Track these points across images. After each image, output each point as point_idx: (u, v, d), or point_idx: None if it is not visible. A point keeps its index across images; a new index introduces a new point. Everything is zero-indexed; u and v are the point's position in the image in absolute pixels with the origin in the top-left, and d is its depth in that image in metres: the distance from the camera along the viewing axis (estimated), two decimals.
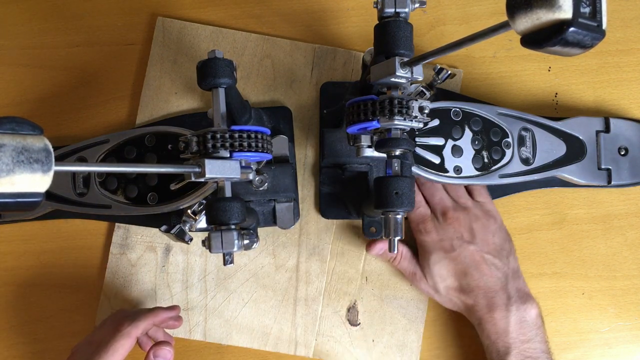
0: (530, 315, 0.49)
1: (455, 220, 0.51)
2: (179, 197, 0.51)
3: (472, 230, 0.51)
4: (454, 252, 0.50)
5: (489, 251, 0.51)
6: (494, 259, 0.51)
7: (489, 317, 0.49)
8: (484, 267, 0.50)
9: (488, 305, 0.49)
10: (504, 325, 0.48)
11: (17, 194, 0.28)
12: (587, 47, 0.28)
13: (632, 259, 0.57)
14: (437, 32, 0.59)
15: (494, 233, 0.52)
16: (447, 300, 0.52)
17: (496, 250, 0.51)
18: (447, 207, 0.52)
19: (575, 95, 0.59)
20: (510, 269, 0.51)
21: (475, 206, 0.53)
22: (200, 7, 0.60)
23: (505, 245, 0.52)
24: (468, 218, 0.52)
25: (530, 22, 0.27)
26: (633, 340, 0.57)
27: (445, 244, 0.51)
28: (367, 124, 0.42)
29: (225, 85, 0.44)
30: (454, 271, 0.51)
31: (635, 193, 0.58)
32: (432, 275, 0.51)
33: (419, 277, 0.53)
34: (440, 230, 0.51)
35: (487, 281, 0.50)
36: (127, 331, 0.46)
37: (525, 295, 0.50)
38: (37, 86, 0.59)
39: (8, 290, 0.58)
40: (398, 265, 0.54)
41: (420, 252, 0.53)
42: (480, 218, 0.52)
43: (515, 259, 0.52)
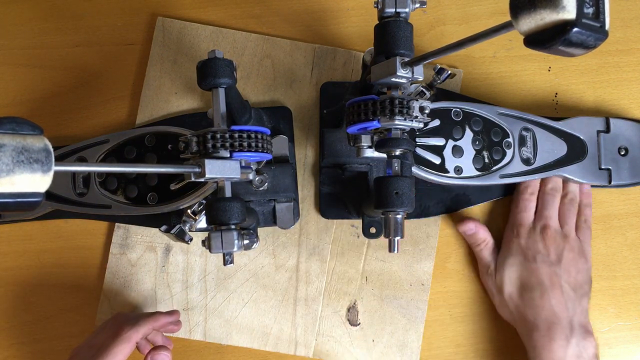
0: (588, 353, 0.49)
1: (550, 240, 0.51)
2: (179, 197, 0.51)
3: (561, 257, 0.51)
4: (534, 264, 0.51)
5: (568, 281, 0.51)
6: (570, 290, 0.50)
7: (547, 344, 0.48)
8: (557, 292, 0.50)
9: (548, 331, 0.49)
10: (561, 355, 0.48)
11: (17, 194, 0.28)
12: (590, 47, 0.28)
13: (632, 259, 0.57)
14: (437, 32, 0.59)
15: (580, 271, 0.52)
16: (504, 305, 0.52)
17: (575, 284, 0.51)
18: (550, 226, 0.52)
19: (575, 95, 0.59)
20: (581, 306, 0.51)
21: (575, 240, 0.53)
22: (200, 7, 0.60)
23: (585, 286, 0.52)
24: (563, 245, 0.52)
25: (534, 22, 0.27)
26: (633, 340, 0.57)
27: (529, 252, 0.51)
28: (368, 124, 0.42)
29: (225, 85, 0.44)
30: (525, 280, 0.51)
31: (635, 193, 0.58)
32: (502, 275, 0.52)
33: (490, 272, 0.53)
34: (531, 240, 0.52)
35: (554, 305, 0.49)
36: (128, 336, 0.46)
37: (588, 332, 0.50)
38: (37, 86, 0.59)
39: (8, 290, 0.58)
40: (480, 252, 0.54)
41: (502, 249, 0.53)
42: (574, 251, 0.52)
43: (587, 302, 0.52)
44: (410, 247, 0.57)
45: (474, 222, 0.54)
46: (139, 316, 0.49)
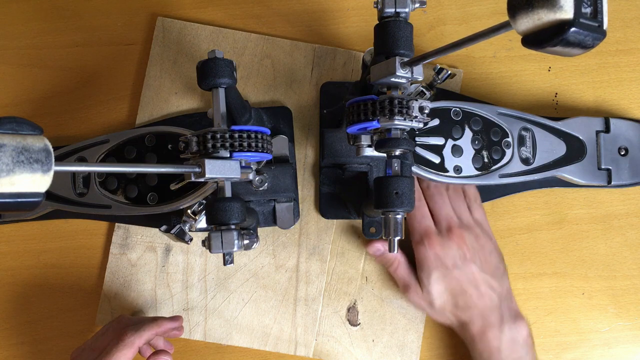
0: (521, 334, 0.50)
1: (459, 238, 0.51)
2: (179, 197, 0.51)
3: (474, 250, 0.51)
4: (456, 271, 0.50)
5: (487, 271, 0.51)
6: (491, 280, 0.51)
7: (482, 336, 0.49)
8: (482, 288, 0.50)
9: (482, 325, 0.50)
10: (497, 344, 0.49)
11: (17, 194, 0.28)
12: (588, 47, 0.28)
13: (632, 259, 0.57)
14: (437, 32, 0.59)
15: (491, 253, 0.52)
16: (440, 315, 0.52)
17: (493, 270, 0.51)
18: (453, 224, 0.52)
19: (575, 95, 0.59)
20: (504, 289, 0.51)
21: (475, 224, 0.53)
22: (200, 7, 0.60)
23: (500, 265, 0.52)
24: (470, 237, 0.52)
25: (532, 22, 0.27)
26: (633, 340, 0.57)
27: (448, 261, 0.50)
28: (367, 124, 0.42)
29: (225, 85, 0.44)
30: (452, 288, 0.50)
31: (635, 193, 0.58)
32: (430, 291, 0.51)
33: (413, 290, 0.52)
34: (445, 246, 0.51)
35: (484, 301, 0.50)
36: (131, 341, 0.46)
37: (517, 314, 0.51)
38: (37, 86, 0.59)
39: (8, 290, 0.58)
40: (394, 272, 0.53)
41: (420, 265, 0.51)
42: (480, 237, 0.52)
43: (507, 279, 0.53)
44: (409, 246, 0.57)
45: (378, 242, 0.53)
46: (142, 321, 0.49)
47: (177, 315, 0.54)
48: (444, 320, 0.53)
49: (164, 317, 0.51)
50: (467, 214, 0.53)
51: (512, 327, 0.50)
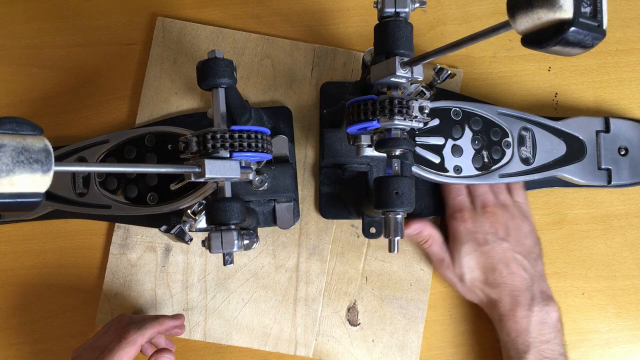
0: (551, 317, 0.50)
1: (492, 215, 0.52)
2: (179, 197, 0.51)
3: (507, 229, 0.52)
4: (487, 246, 0.51)
5: (520, 251, 0.51)
6: (524, 260, 0.51)
7: (511, 315, 0.50)
8: (513, 266, 0.51)
9: (511, 303, 0.50)
10: (525, 324, 0.49)
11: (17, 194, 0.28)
12: (587, 47, 0.28)
13: (632, 259, 0.57)
14: (437, 32, 0.59)
15: (527, 235, 0.53)
16: (469, 291, 0.53)
17: (527, 251, 0.52)
18: (488, 201, 0.53)
19: (575, 95, 0.59)
20: (537, 271, 0.52)
21: (513, 205, 0.53)
22: (200, 7, 0.60)
23: (535, 248, 0.53)
24: (505, 216, 0.52)
25: (531, 21, 0.27)
26: (633, 340, 0.57)
27: (479, 236, 0.51)
28: (367, 124, 0.42)
29: (225, 85, 0.44)
30: (483, 264, 0.51)
31: (635, 193, 0.58)
32: (461, 265, 0.52)
33: (446, 265, 0.53)
34: (477, 221, 0.52)
35: (514, 280, 0.50)
36: (133, 339, 0.46)
37: (548, 297, 0.51)
38: (37, 86, 0.59)
39: (8, 290, 0.58)
40: (428, 248, 0.54)
41: (452, 239, 0.53)
42: (516, 218, 0.53)
43: (541, 263, 0.53)
44: (410, 247, 0.57)
45: (415, 222, 0.54)
46: (144, 319, 0.49)
47: (179, 314, 0.54)
48: (473, 297, 0.53)
49: (166, 316, 0.51)
50: (505, 195, 0.54)
51: (543, 308, 0.50)
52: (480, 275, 0.52)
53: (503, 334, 0.51)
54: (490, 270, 0.51)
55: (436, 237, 0.54)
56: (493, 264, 0.51)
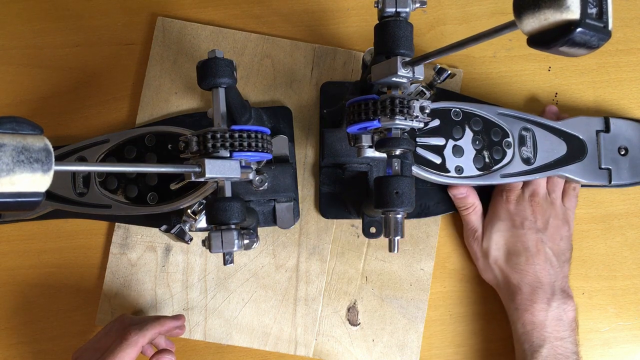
0: (568, 315, 0.50)
1: (537, 205, 0.53)
2: (179, 197, 0.51)
3: (547, 223, 0.52)
4: (521, 230, 0.52)
5: (552, 248, 0.52)
6: (553, 257, 0.52)
7: (529, 306, 0.50)
8: (541, 257, 0.51)
9: (531, 294, 0.50)
10: (542, 317, 0.50)
11: (17, 194, 0.28)
12: (593, 47, 0.28)
13: (632, 259, 0.57)
14: (437, 32, 0.59)
15: (563, 238, 0.53)
16: (488, 269, 0.54)
17: (559, 250, 0.52)
18: (539, 192, 0.53)
19: (575, 95, 0.59)
20: (562, 271, 0.52)
21: (560, 207, 0.54)
22: (200, 7, 0.60)
23: (567, 252, 0.53)
24: (549, 211, 0.53)
25: (538, 22, 0.27)
26: (633, 340, 0.57)
27: (517, 219, 0.52)
28: (368, 124, 0.42)
29: (225, 85, 0.44)
30: (511, 245, 0.52)
31: (635, 193, 0.58)
32: (490, 239, 0.53)
33: (476, 236, 0.54)
34: (520, 205, 0.53)
35: (538, 271, 0.51)
36: (135, 340, 0.46)
37: (568, 296, 0.51)
38: (37, 86, 0.59)
39: (8, 290, 0.58)
40: (467, 215, 0.55)
41: (490, 214, 0.54)
42: (558, 218, 0.53)
43: (568, 267, 0.53)
44: (410, 247, 0.57)
45: (465, 187, 0.55)
46: (145, 320, 0.49)
47: (180, 314, 0.54)
48: (490, 276, 0.54)
49: (166, 316, 0.51)
50: (558, 194, 0.54)
51: (561, 305, 0.50)
52: (505, 255, 0.52)
53: (518, 325, 0.51)
54: (515, 254, 0.52)
55: (478, 207, 0.55)
56: (521, 249, 0.51)
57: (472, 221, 0.55)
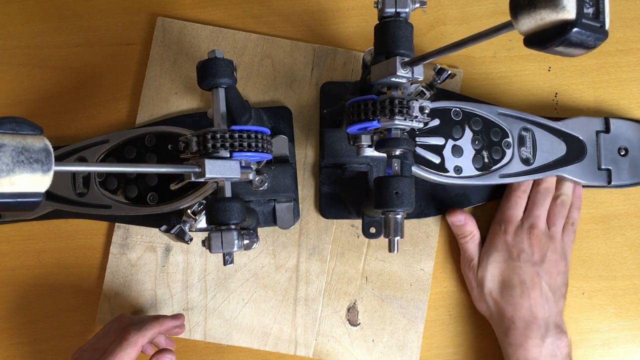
0: (562, 352, 0.50)
1: (536, 239, 0.52)
2: (179, 197, 0.51)
3: (544, 257, 0.52)
4: (517, 263, 0.51)
5: (548, 282, 0.51)
6: (549, 291, 0.51)
7: (523, 342, 0.50)
8: (537, 292, 0.51)
9: (525, 330, 0.50)
10: (536, 354, 0.49)
11: (17, 194, 0.28)
12: (590, 47, 0.28)
13: (632, 259, 0.57)
14: (437, 32, 0.59)
15: (559, 273, 0.52)
16: (483, 300, 0.53)
17: (555, 286, 0.52)
18: (538, 225, 0.52)
19: (575, 95, 0.59)
20: (557, 307, 0.52)
21: (559, 242, 0.53)
22: (200, 7, 0.60)
23: (562, 288, 0.53)
24: (547, 245, 0.52)
25: (534, 22, 0.27)
26: (633, 340, 0.57)
27: (514, 250, 0.52)
28: (368, 124, 0.42)
29: (225, 85, 0.44)
30: (507, 277, 0.51)
31: (635, 193, 0.58)
32: (485, 270, 0.52)
33: (472, 265, 0.54)
34: (518, 238, 0.52)
35: (533, 305, 0.50)
36: (134, 340, 0.46)
37: (562, 332, 0.51)
38: (37, 86, 0.59)
39: (8, 290, 0.58)
40: (465, 243, 0.54)
41: (487, 244, 0.54)
42: (557, 253, 0.52)
43: (563, 303, 0.53)
44: (410, 247, 0.57)
45: (463, 214, 0.54)
46: (144, 320, 0.49)
47: (179, 314, 0.54)
48: (484, 307, 0.53)
49: (166, 316, 0.51)
50: (559, 229, 0.53)
51: (555, 341, 0.50)
52: (500, 287, 0.52)
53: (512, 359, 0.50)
54: (511, 286, 0.51)
55: (476, 235, 0.54)
56: (516, 282, 0.51)
57: (469, 249, 0.54)
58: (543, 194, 0.54)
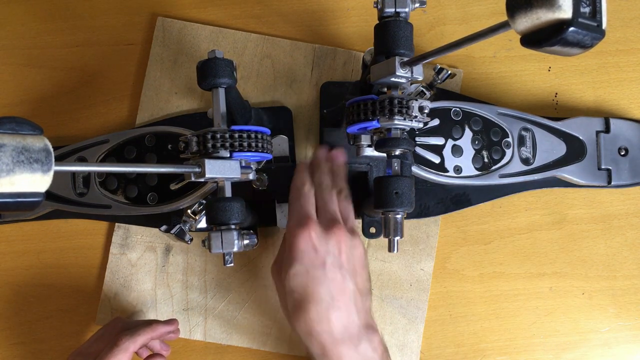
0: (378, 351, 0.43)
1: (340, 237, 0.43)
2: (179, 197, 0.51)
3: (350, 257, 0.44)
4: (320, 271, 0.42)
5: (358, 285, 0.44)
6: (359, 298, 0.43)
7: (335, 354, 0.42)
8: (344, 303, 0.42)
9: (336, 345, 0.42)
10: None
11: (17, 194, 0.28)
12: (587, 47, 0.28)
13: (632, 259, 0.57)
14: (437, 32, 0.59)
15: (363, 267, 0.45)
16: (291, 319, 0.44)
17: (362, 287, 0.44)
18: (338, 221, 0.44)
19: (575, 95, 0.59)
20: (365, 307, 0.45)
21: (355, 232, 0.45)
22: (200, 7, 0.60)
23: (368, 283, 0.46)
24: (350, 242, 0.44)
25: (530, 21, 0.27)
26: (633, 340, 0.57)
27: (320, 255, 0.42)
28: (367, 124, 0.42)
29: (225, 85, 0.44)
30: (309, 291, 0.42)
31: (635, 193, 0.58)
32: (288, 280, 0.43)
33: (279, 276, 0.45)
34: (323, 238, 0.43)
35: (339, 321, 0.42)
36: (125, 346, 0.46)
37: (374, 330, 0.44)
38: (37, 86, 0.59)
39: (8, 290, 0.58)
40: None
41: (289, 249, 0.43)
42: (357, 248, 0.45)
43: (370, 298, 0.46)
44: (410, 247, 0.57)
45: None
46: (137, 325, 0.49)
47: (173, 319, 0.53)
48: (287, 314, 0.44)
49: (158, 321, 0.51)
50: (353, 219, 0.47)
51: (369, 344, 0.43)
52: (300, 300, 0.42)
53: None
54: (314, 302, 0.42)
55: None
56: (321, 295, 0.42)
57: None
58: (325, 189, 0.47)
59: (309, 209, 0.45)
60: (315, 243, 0.43)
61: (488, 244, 0.57)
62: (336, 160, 0.50)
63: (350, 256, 0.44)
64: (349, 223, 0.46)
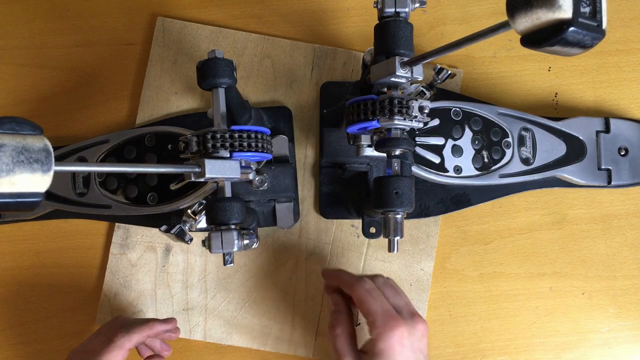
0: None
1: (423, 326, 0.43)
2: (179, 197, 0.51)
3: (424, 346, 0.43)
4: None
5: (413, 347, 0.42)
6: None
7: None
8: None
9: None
10: None
11: (17, 194, 0.28)
12: (587, 47, 0.28)
13: (632, 259, 0.57)
14: (437, 32, 0.59)
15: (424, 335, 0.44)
16: None
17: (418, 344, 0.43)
18: (410, 310, 0.44)
19: (575, 95, 0.59)
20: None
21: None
22: (200, 7, 0.60)
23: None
24: (424, 330, 0.44)
25: (530, 21, 0.27)
26: (633, 340, 0.57)
27: (412, 354, 0.42)
28: (367, 124, 0.42)
29: (225, 85, 0.44)
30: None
31: (635, 193, 0.58)
32: None
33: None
34: (412, 332, 0.42)
35: None
36: (120, 343, 0.46)
37: None
38: (37, 86, 0.59)
39: (8, 290, 0.58)
40: (336, 337, 0.45)
41: (379, 354, 0.41)
42: (425, 335, 0.44)
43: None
44: (410, 247, 0.57)
45: (338, 296, 0.46)
46: (133, 323, 0.49)
47: (171, 318, 0.53)
48: None
49: (156, 319, 0.51)
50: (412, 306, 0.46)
51: None
52: None
53: None
54: None
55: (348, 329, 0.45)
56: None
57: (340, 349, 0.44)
58: (372, 290, 0.45)
59: (385, 304, 0.43)
60: (405, 341, 0.41)
61: (488, 244, 0.57)
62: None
63: (424, 346, 0.43)
64: (410, 307, 0.45)
